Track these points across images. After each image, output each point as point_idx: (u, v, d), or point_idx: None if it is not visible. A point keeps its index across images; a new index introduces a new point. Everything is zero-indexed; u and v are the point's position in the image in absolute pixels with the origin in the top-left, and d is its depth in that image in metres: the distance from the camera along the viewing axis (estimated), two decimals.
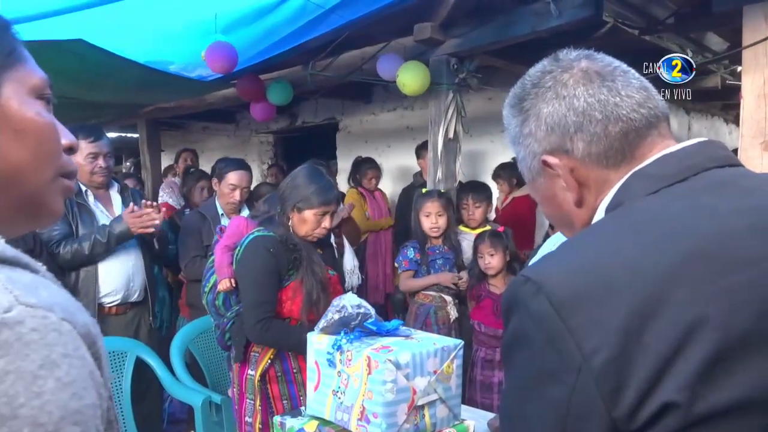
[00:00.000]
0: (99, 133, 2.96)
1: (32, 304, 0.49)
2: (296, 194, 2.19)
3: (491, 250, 3.05)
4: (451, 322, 3.18)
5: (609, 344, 0.62)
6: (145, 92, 4.41)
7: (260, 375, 2.17)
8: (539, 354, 0.66)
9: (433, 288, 3.21)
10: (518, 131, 0.86)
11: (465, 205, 3.50)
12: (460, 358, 1.50)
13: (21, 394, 0.46)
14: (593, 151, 0.79)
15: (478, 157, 5.05)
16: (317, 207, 2.16)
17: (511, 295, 0.71)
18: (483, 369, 3.04)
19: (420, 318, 3.14)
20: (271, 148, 7.29)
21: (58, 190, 0.66)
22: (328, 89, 4.76)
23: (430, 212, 3.22)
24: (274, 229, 2.20)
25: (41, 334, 0.48)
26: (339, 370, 1.47)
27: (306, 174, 2.24)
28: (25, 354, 0.47)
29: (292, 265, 2.16)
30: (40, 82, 0.66)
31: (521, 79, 0.88)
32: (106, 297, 2.90)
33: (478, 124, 4.28)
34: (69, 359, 0.50)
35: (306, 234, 2.20)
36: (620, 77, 0.80)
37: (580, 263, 0.69)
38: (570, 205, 0.83)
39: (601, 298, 0.64)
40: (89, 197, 2.96)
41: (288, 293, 2.15)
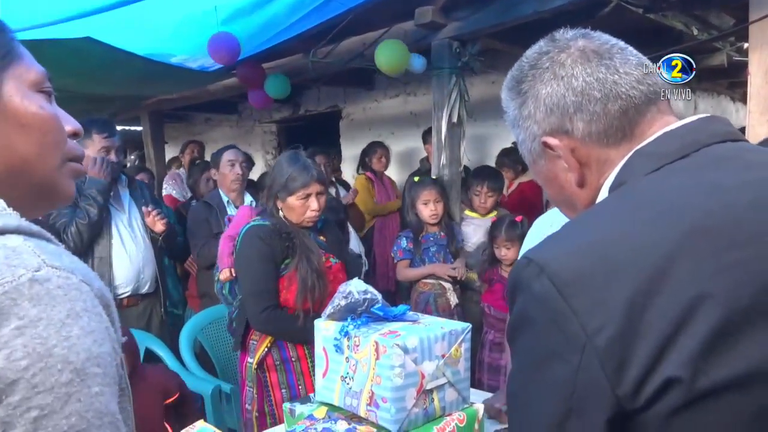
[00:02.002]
0: (112, 129, 2.99)
1: (57, 266, 0.57)
2: (277, 183, 2.19)
3: (508, 243, 3.04)
4: (452, 308, 3.19)
5: (612, 322, 0.62)
6: (148, 84, 4.41)
7: (257, 363, 2.19)
8: (543, 334, 0.67)
9: (431, 276, 3.22)
10: (517, 114, 0.86)
11: (478, 191, 3.48)
12: (468, 341, 1.51)
13: (53, 337, 0.53)
14: (593, 130, 0.79)
15: (483, 142, 5.03)
16: (297, 191, 2.16)
17: (514, 278, 0.72)
18: (491, 351, 3.06)
19: (420, 306, 3.16)
20: (274, 138, 7.28)
21: (67, 174, 0.72)
22: (329, 77, 4.74)
23: (428, 200, 3.23)
24: (269, 219, 2.21)
25: (65, 291, 0.56)
26: (347, 356, 1.48)
27: (284, 161, 2.24)
28: (53, 305, 0.55)
29: (287, 254, 2.17)
30: (39, 76, 0.70)
31: (518, 61, 0.87)
32: (118, 288, 2.94)
33: (481, 108, 4.26)
34: (88, 313, 0.57)
35: (298, 220, 2.20)
36: (618, 55, 0.80)
37: (582, 243, 0.69)
38: (572, 185, 0.84)
39: (603, 277, 0.64)
40: None
41: (283, 282, 2.16)
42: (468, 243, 3.50)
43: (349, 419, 1.48)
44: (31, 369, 0.52)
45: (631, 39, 0.88)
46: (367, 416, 1.44)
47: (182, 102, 5.37)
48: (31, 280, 0.54)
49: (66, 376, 0.53)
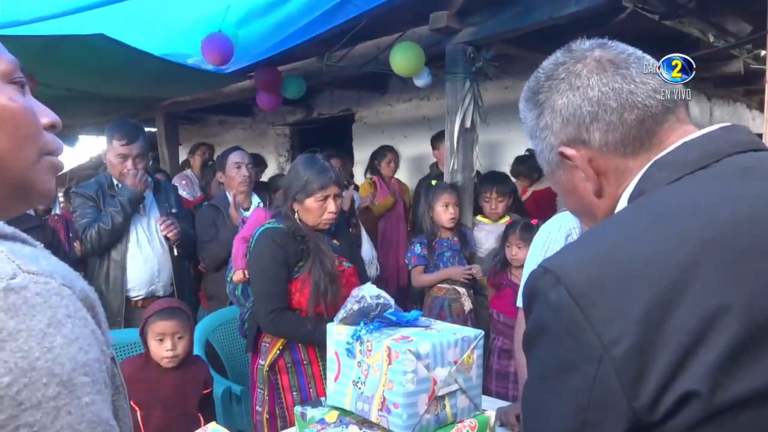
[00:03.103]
0: (133, 136, 2.96)
1: (34, 271, 0.54)
2: (294, 186, 2.20)
3: (520, 242, 3.03)
4: (466, 313, 3.18)
5: (629, 334, 0.62)
6: (163, 85, 4.44)
7: (269, 365, 2.19)
8: (559, 344, 0.67)
9: (446, 280, 3.21)
10: (534, 124, 0.86)
11: (487, 197, 3.48)
12: (480, 348, 1.50)
13: (35, 349, 0.50)
14: (610, 139, 0.79)
15: (496, 147, 5.02)
16: (315, 192, 2.17)
17: (530, 287, 0.71)
18: (500, 358, 3.04)
19: (434, 311, 3.15)
20: (287, 140, 7.31)
21: (44, 169, 0.67)
22: (343, 80, 4.76)
23: (447, 203, 3.23)
24: (283, 222, 2.22)
25: (44, 298, 0.53)
26: (359, 361, 1.48)
27: (300, 163, 2.25)
28: (32, 315, 0.51)
29: (301, 257, 2.17)
30: (9, 67, 0.66)
31: (535, 72, 0.88)
32: (132, 291, 2.96)
33: (495, 113, 4.25)
34: (72, 319, 0.54)
35: (315, 223, 2.21)
36: (634, 64, 0.80)
37: (600, 253, 0.69)
38: (590, 195, 0.83)
39: (621, 288, 0.64)
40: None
41: (296, 285, 2.17)
42: (480, 249, 3.49)
43: (361, 424, 1.48)
44: (15, 385, 0.49)
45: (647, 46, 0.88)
46: (378, 421, 1.44)
47: (196, 104, 5.41)
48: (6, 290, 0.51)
49: (53, 390, 0.51)
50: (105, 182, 2.98)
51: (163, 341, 2.16)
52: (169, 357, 2.15)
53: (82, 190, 2.96)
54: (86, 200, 2.92)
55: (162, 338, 2.16)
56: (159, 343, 2.16)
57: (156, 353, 2.17)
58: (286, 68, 4.19)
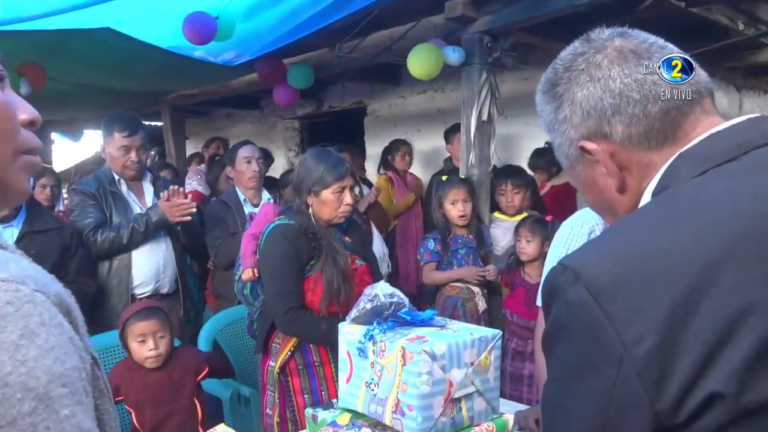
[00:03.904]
0: (134, 127, 3.01)
1: (3, 278, 0.52)
2: (309, 178, 2.21)
3: (529, 235, 3.04)
4: (480, 313, 3.18)
5: (652, 333, 0.62)
6: (170, 78, 4.48)
7: (280, 367, 2.21)
8: (578, 344, 0.67)
9: (459, 279, 3.21)
10: (553, 117, 0.87)
11: (502, 191, 3.47)
12: (498, 349, 1.51)
13: (7, 363, 0.49)
14: (633, 133, 0.79)
15: (513, 141, 5.00)
16: (332, 184, 2.18)
17: (549, 285, 0.72)
18: (513, 360, 3.04)
19: (447, 310, 3.14)
20: (297, 134, 7.33)
21: (20, 167, 0.66)
22: (355, 72, 4.76)
23: (456, 199, 3.22)
24: (294, 218, 2.23)
25: (16, 307, 0.51)
26: (372, 361, 1.49)
27: (313, 156, 2.27)
28: (3, 326, 0.50)
29: (312, 255, 2.19)
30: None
31: (552, 63, 0.88)
32: (138, 288, 3.00)
33: (513, 105, 4.23)
34: (46, 327, 0.53)
35: (330, 216, 2.22)
36: (657, 54, 0.80)
37: (621, 250, 0.69)
38: (612, 191, 0.83)
39: (643, 285, 0.64)
40: (122, 186, 3.05)
41: (308, 284, 2.18)
42: (497, 247, 3.48)
43: (374, 427, 1.49)
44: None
45: (672, 35, 0.87)
46: (392, 424, 1.45)
47: (203, 97, 5.44)
48: None
49: (28, 405, 0.49)
50: (105, 178, 3.00)
51: (145, 342, 2.21)
52: (152, 357, 2.20)
53: (82, 187, 2.98)
54: (86, 198, 2.94)
55: (143, 339, 2.21)
56: (140, 344, 2.21)
57: (138, 354, 2.22)
58: (296, 60, 4.20)
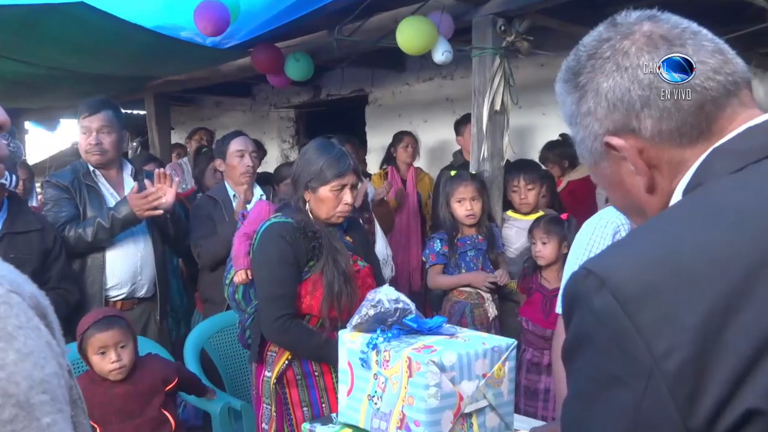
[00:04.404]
0: (95, 107, 2.99)
1: None
2: (307, 172, 2.22)
3: (545, 237, 3.03)
4: (490, 321, 3.18)
5: (684, 344, 0.62)
6: (154, 62, 4.48)
7: (276, 377, 2.21)
8: (604, 356, 0.67)
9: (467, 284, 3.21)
10: (575, 110, 0.86)
11: (515, 187, 3.47)
12: (512, 359, 1.51)
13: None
14: (664, 128, 0.79)
15: (529, 132, 5.01)
16: (332, 180, 2.18)
17: (571, 292, 0.72)
18: (528, 372, 3.04)
19: (454, 317, 3.14)
20: (292, 125, 7.34)
21: None
22: (356, 57, 4.76)
23: (463, 197, 3.21)
24: (292, 215, 2.24)
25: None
26: (375, 373, 1.50)
27: (314, 148, 2.27)
28: None
29: (312, 255, 2.19)
30: None
31: (575, 50, 0.87)
32: (112, 290, 3.00)
33: (528, 94, 4.24)
34: (24, 330, 0.53)
35: (328, 215, 2.23)
36: (690, 40, 0.80)
37: (651, 253, 0.69)
38: (640, 191, 0.83)
39: (674, 292, 0.64)
40: (99, 178, 3.05)
41: (307, 287, 2.18)
42: (509, 248, 3.48)
43: None
44: None
45: (704, 18, 0.87)
46: None
47: (191, 83, 5.45)
48: None
49: (9, 412, 0.50)
50: (81, 170, 3.00)
51: (106, 354, 2.21)
52: (115, 369, 2.21)
53: (56, 180, 2.99)
54: (60, 191, 2.94)
55: (104, 351, 2.21)
56: (101, 357, 2.21)
57: (100, 368, 2.22)
58: (292, 43, 4.20)
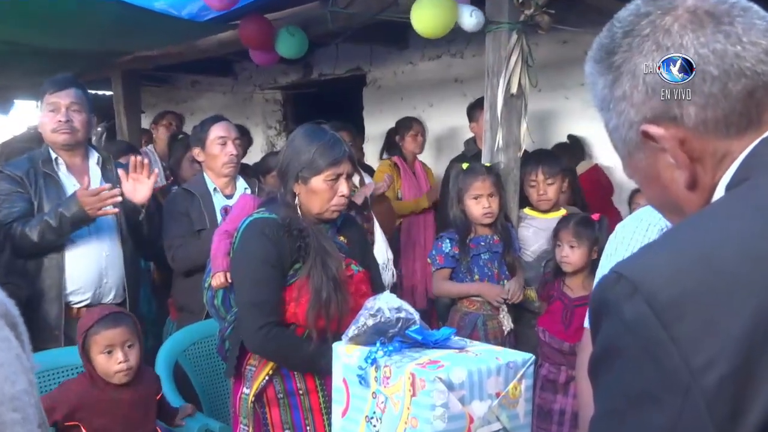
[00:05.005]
0: (63, 83, 3.03)
1: None
2: (297, 162, 2.22)
3: (573, 240, 3.02)
4: (504, 335, 3.19)
5: (726, 356, 0.62)
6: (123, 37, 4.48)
7: (255, 395, 2.21)
8: (635, 371, 0.68)
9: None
10: (608, 93, 0.87)
11: (533, 181, 3.48)
12: (530, 377, 1.51)
13: None
14: (709, 116, 0.79)
15: (550, 119, 5.02)
16: (325, 169, 2.19)
17: (599, 298, 0.72)
18: (543, 390, 3.04)
19: (464, 330, 3.14)
20: (279, 109, 7.35)
21: None
22: (352, 31, 4.76)
23: (480, 194, 3.21)
24: (277, 211, 2.24)
25: None
26: (374, 391, 1.50)
27: (303, 135, 2.28)
28: None
29: (298, 256, 2.19)
30: None
31: (608, 25, 0.88)
32: (73, 295, 2.98)
33: (549, 75, 4.25)
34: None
35: (321, 210, 2.24)
36: (740, 18, 0.80)
37: (689, 255, 0.69)
38: (679, 187, 0.84)
39: (716, 299, 0.65)
40: (60, 167, 3.04)
41: (292, 293, 2.19)
42: (526, 251, 3.49)
43: None
44: None
45: None
46: None
47: (164, 60, 5.44)
48: None
49: None
50: (39, 158, 3.01)
51: (112, 353, 2.26)
52: (123, 370, 2.26)
53: (10, 170, 2.98)
54: (12, 184, 2.92)
55: (111, 350, 2.26)
56: (107, 357, 2.26)
57: (105, 369, 2.26)
58: (280, 15, 4.20)
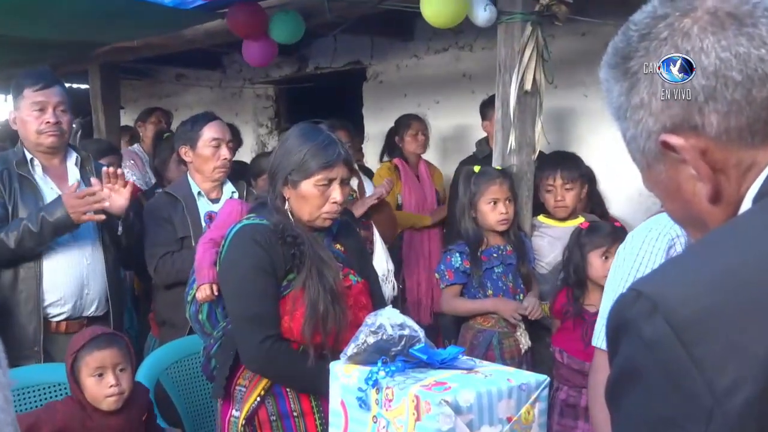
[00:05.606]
0: (49, 79, 3.05)
1: None
2: (287, 163, 2.23)
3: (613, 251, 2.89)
4: (522, 354, 3.20)
5: (752, 379, 0.64)
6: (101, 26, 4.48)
7: (246, 418, 2.22)
8: (655, 394, 0.69)
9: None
10: (624, 101, 0.88)
11: (550, 186, 3.50)
12: (544, 400, 1.52)
13: None
14: (733, 125, 0.81)
15: (566, 118, 5.02)
16: (317, 173, 2.20)
17: (617, 317, 0.74)
18: (562, 416, 3.05)
19: (479, 349, 3.15)
20: (271, 105, 7.34)
21: None
22: (352, 22, 4.78)
23: (496, 198, 3.23)
24: (269, 217, 2.25)
25: None
26: (375, 414, 1.51)
27: (296, 135, 2.29)
28: None
29: (292, 266, 2.21)
30: None
31: (624, 29, 0.89)
32: (52, 307, 3.00)
33: (566, 70, 4.25)
34: None
35: (312, 217, 2.25)
36: (764, 19, 0.81)
37: (713, 270, 0.71)
38: (702, 200, 0.85)
39: (740, 316, 0.66)
40: (36, 169, 3.06)
41: (286, 305, 2.20)
42: (540, 262, 3.50)
43: None
44: None
45: None
46: None
47: (146, 52, 5.44)
48: None
49: None
50: (14, 159, 3.03)
51: (104, 376, 2.29)
52: (113, 395, 2.28)
53: None
54: None
55: (102, 372, 2.29)
56: (98, 380, 2.29)
57: (95, 393, 2.28)
58: (273, 4, 4.22)
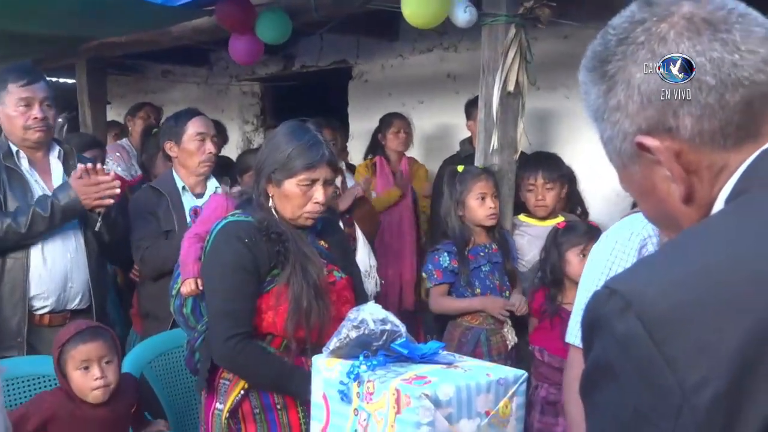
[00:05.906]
0: (35, 74, 3.05)
1: None
2: (272, 160, 2.24)
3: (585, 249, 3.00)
4: (508, 350, 3.21)
5: (719, 376, 0.65)
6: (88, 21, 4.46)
7: (230, 410, 2.23)
8: (628, 390, 0.70)
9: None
10: (602, 103, 0.90)
11: (531, 185, 3.52)
12: (521, 395, 1.53)
13: None
14: (706, 128, 0.82)
15: (549, 119, 5.04)
16: (300, 173, 2.20)
17: (591, 315, 0.75)
18: (543, 414, 3.06)
19: (467, 346, 3.16)
20: (257, 102, 7.32)
21: None
22: (338, 21, 4.77)
23: (484, 193, 3.24)
24: (254, 214, 2.26)
25: None
26: (356, 407, 1.52)
27: (283, 133, 2.30)
28: None
29: (276, 262, 2.21)
30: None
31: (602, 33, 0.90)
32: (35, 300, 3.00)
33: (548, 72, 4.27)
34: None
35: (294, 215, 2.26)
36: (738, 25, 0.82)
37: (684, 270, 0.72)
38: (675, 200, 0.86)
39: (711, 316, 0.67)
40: (22, 162, 3.06)
41: (270, 300, 2.21)
42: (521, 260, 3.52)
43: None
44: None
45: None
46: None
47: (133, 48, 5.43)
48: None
49: None
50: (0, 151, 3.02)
51: (89, 369, 2.31)
52: (100, 387, 2.31)
53: None
54: None
55: (87, 365, 2.31)
56: (84, 372, 2.31)
57: (81, 386, 2.31)
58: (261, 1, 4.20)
